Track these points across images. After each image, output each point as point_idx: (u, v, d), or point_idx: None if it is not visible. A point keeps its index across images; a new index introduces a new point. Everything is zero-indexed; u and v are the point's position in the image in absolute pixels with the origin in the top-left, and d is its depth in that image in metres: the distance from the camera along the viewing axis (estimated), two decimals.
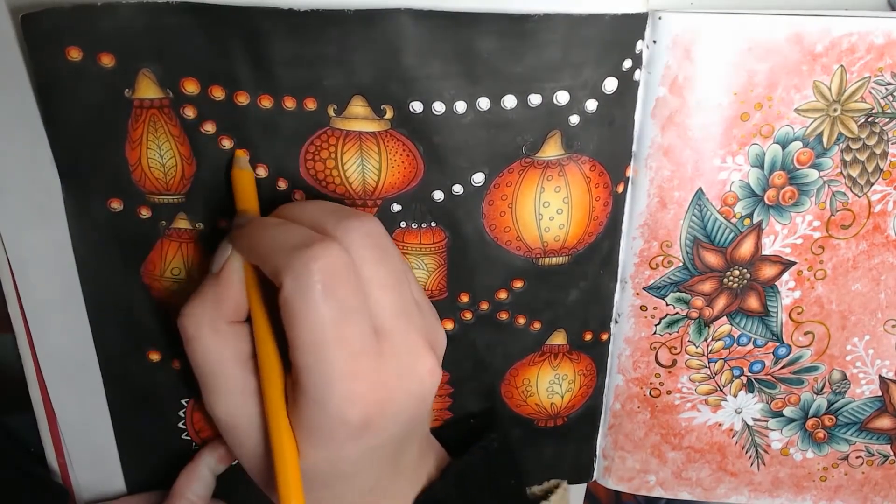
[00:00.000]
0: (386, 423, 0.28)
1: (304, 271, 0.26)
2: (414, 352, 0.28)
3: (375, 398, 0.27)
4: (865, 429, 0.39)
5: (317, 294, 0.26)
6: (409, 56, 0.29)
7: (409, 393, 0.28)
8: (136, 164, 0.32)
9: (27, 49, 0.30)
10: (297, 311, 0.26)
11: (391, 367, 0.28)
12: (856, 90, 0.32)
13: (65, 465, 0.38)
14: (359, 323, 0.27)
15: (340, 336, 0.26)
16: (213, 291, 0.29)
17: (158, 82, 0.30)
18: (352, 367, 0.26)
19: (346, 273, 0.26)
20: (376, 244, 0.28)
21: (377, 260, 0.28)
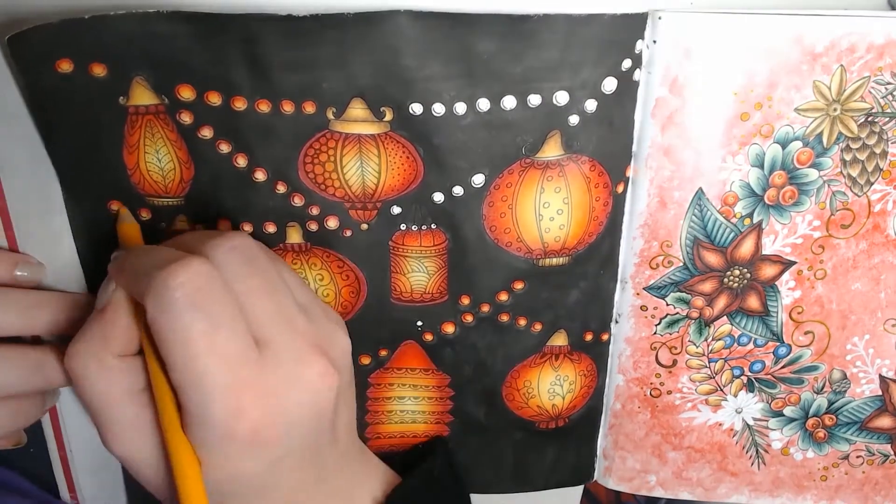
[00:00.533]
0: (278, 433, 0.27)
1: (163, 288, 0.26)
2: (300, 357, 0.28)
3: (262, 409, 0.26)
4: (866, 428, 0.40)
5: (180, 309, 0.25)
6: (408, 58, 0.29)
7: (301, 400, 0.28)
8: (134, 168, 0.32)
9: (15, 69, 0.29)
10: (163, 330, 0.26)
11: (276, 376, 0.27)
12: (856, 90, 0.32)
13: (66, 458, 0.37)
14: (233, 333, 0.26)
15: (212, 348, 0.26)
16: (98, 327, 0.28)
17: (153, 89, 0.30)
18: (230, 378, 0.26)
19: (209, 286, 0.26)
20: (244, 257, 0.28)
21: (247, 273, 0.28)
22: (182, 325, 0.26)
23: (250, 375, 0.26)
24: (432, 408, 0.38)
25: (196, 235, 0.30)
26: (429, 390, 0.37)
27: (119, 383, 0.28)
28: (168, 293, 0.25)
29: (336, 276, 0.34)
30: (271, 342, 0.27)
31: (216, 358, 0.26)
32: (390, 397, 0.38)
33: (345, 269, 0.34)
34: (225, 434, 0.26)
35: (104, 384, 0.28)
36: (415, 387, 0.37)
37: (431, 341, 0.36)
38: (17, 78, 0.30)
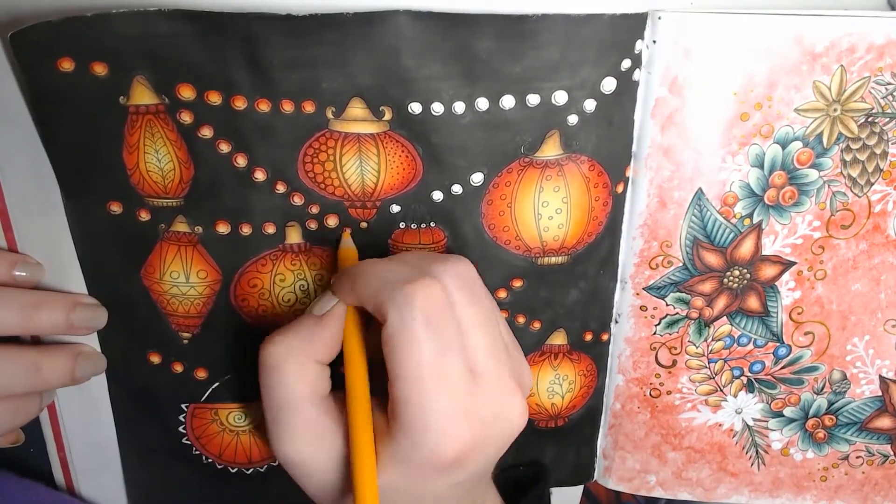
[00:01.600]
0: (476, 462, 0.28)
1: (407, 303, 0.27)
2: (506, 393, 0.29)
3: (471, 437, 0.28)
4: (866, 429, 0.39)
5: (419, 325, 0.27)
6: (407, 57, 0.29)
7: (501, 434, 0.29)
8: (133, 168, 0.32)
9: (17, 66, 0.30)
10: (401, 343, 0.27)
11: (486, 408, 0.28)
12: (856, 90, 0.32)
13: (65, 459, 0.38)
14: (456, 360, 0.27)
15: (440, 371, 0.27)
16: (309, 330, 0.29)
17: (153, 89, 0.30)
18: (452, 403, 0.27)
19: (446, 308, 0.27)
20: (469, 285, 0.29)
21: (470, 300, 0.29)
22: (418, 341, 0.27)
23: (468, 402, 0.27)
24: None
25: (419, 254, 0.31)
26: None
27: (309, 386, 0.29)
28: (411, 309, 0.27)
29: None
30: (484, 374, 0.28)
31: (442, 380, 0.27)
32: None
33: None
34: (434, 453, 0.27)
35: (297, 384, 0.29)
36: None
37: None
38: (18, 77, 0.30)
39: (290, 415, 0.29)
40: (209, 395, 0.36)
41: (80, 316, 0.33)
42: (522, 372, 0.31)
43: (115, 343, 0.35)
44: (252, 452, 0.37)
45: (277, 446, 0.29)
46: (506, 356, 0.30)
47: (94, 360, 0.35)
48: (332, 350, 0.30)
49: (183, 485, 0.38)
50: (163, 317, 0.35)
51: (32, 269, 0.33)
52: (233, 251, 0.33)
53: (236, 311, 0.34)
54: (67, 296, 0.33)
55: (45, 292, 0.33)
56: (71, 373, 0.34)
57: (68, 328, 0.33)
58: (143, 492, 0.39)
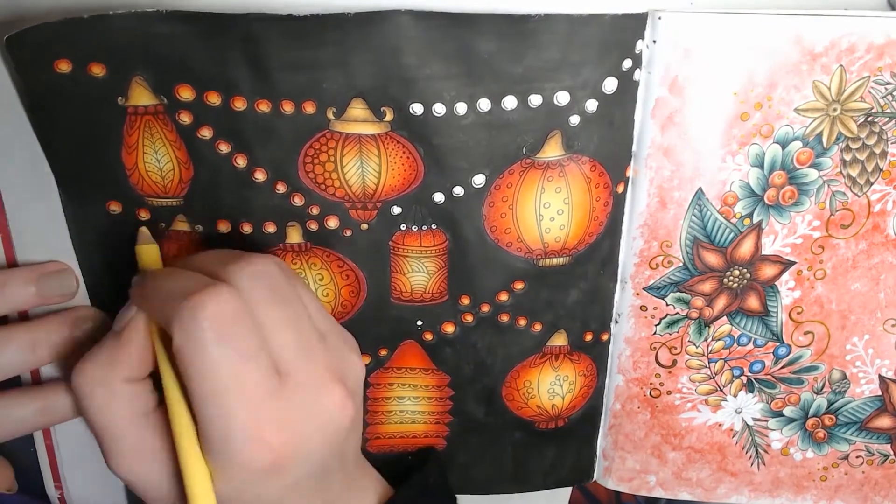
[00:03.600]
0: (296, 462, 0.27)
1: (192, 319, 0.25)
2: (320, 387, 0.28)
3: (282, 440, 0.27)
4: (865, 428, 0.40)
5: (208, 342, 0.25)
6: (408, 57, 0.29)
7: (320, 429, 0.28)
8: (132, 169, 0.32)
9: (14, 68, 0.29)
10: (190, 361, 0.26)
11: (297, 406, 0.27)
12: (855, 90, 0.32)
13: (52, 447, 0.37)
14: (257, 366, 0.26)
15: (238, 382, 0.26)
16: (109, 351, 0.28)
17: (152, 89, 0.30)
18: (253, 413, 0.26)
19: (236, 317, 0.26)
20: (267, 284, 0.28)
21: (270, 301, 0.28)
22: (209, 357, 0.26)
23: (272, 407, 0.27)
24: (432, 408, 0.38)
25: (216, 256, 0.29)
26: (428, 390, 0.37)
27: (126, 408, 0.28)
28: (196, 324, 0.25)
29: (336, 276, 0.34)
30: (292, 372, 0.28)
31: (241, 392, 0.26)
32: (390, 397, 0.38)
33: (345, 268, 0.34)
34: (244, 464, 0.26)
35: (110, 408, 0.28)
36: (414, 386, 0.37)
37: (431, 341, 0.36)
38: (14, 79, 0.30)
39: (114, 438, 0.28)
40: None
41: (47, 285, 0.32)
42: (345, 362, 0.30)
43: None
44: None
45: (112, 469, 0.29)
46: (320, 349, 0.29)
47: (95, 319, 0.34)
48: (142, 364, 0.28)
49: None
50: None
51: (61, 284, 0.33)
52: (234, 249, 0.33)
53: None
54: (31, 268, 0.33)
55: (7, 270, 0.33)
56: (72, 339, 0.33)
57: (39, 299, 0.32)
58: None
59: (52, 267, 0.33)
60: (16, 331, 0.32)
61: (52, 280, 0.33)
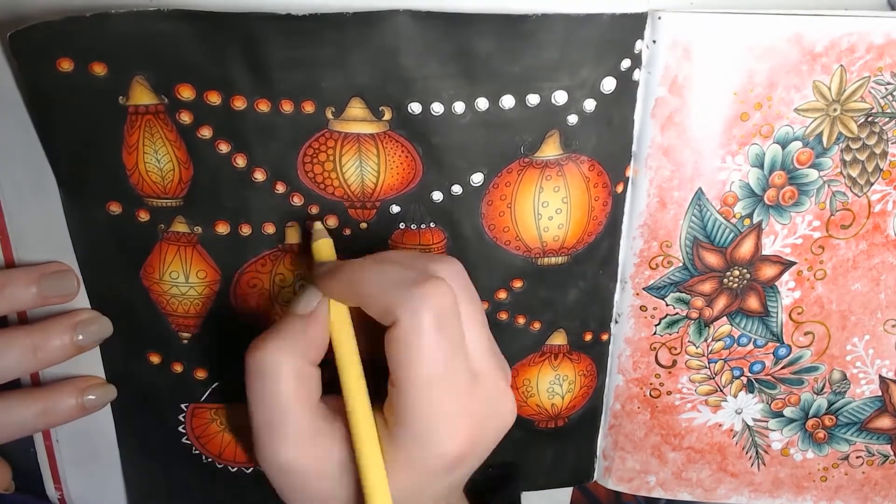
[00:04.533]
0: (474, 459, 0.29)
1: (422, 306, 0.26)
2: (501, 391, 0.29)
3: (472, 436, 0.28)
4: (865, 429, 0.39)
5: (433, 329, 0.26)
6: (407, 57, 0.29)
7: (497, 431, 0.30)
8: (133, 169, 0.32)
9: (16, 65, 0.30)
10: (412, 348, 0.26)
11: (485, 404, 0.28)
12: (855, 90, 0.32)
13: (52, 448, 0.37)
14: (461, 361, 0.27)
15: (450, 374, 0.27)
16: (300, 332, 0.28)
17: (152, 89, 0.30)
18: (458, 405, 0.27)
19: (454, 310, 0.27)
20: (465, 285, 0.29)
21: (466, 300, 0.29)
22: (431, 345, 0.26)
23: (469, 403, 0.28)
24: None
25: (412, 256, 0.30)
26: None
27: (305, 391, 0.28)
28: (424, 312, 0.26)
29: None
30: (481, 373, 0.29)
31: (450, 383, 0.27)
32: None
33: None
34: (438, 456, 0.27)
35: (294, 389, 0.28)
36: None
37: None
38: (17, 77, 0.30)
39: (285, 421, 0.28)
40: (209, 394, 0.36)
41: (48, 286, 0.32)
42: (506, 368, 0.31)
43: (114, 344, 0.35)
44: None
45: (269, 454, 0.28)
46: (500, 356, 0.30)
47: (97, 323, 0.34)
48: (321, 350, 0.29)
49: (183, 485, 0.38)
50: (162, 317, 0.35)
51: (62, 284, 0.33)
52: (232, 251, 0.33)
53: (236, 312, 0.34)
54: (31, 268, 0.33)
55: (8, 271, 0.33)
56: (73, 343, 0.33)
57: (40, 300, 0.32)
58: (143, 492, 0.39)
59: (53, 268, 0.33)
60: (17, 334, 0.32)
61: (53, 281, 0.33)
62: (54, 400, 0.33)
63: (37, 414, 0.33)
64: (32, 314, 0.34)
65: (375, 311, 0.27)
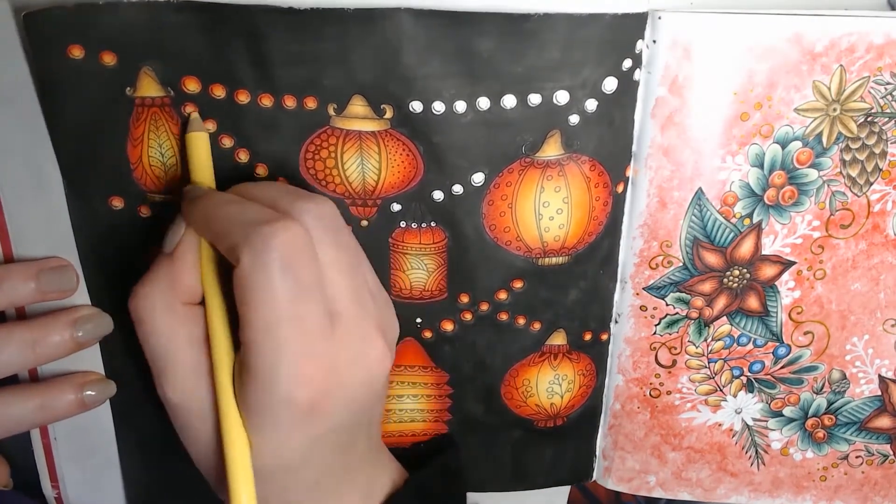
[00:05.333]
0: (332, 408, 0.27)
1: (264, 247, 0.25)
2: (365, 338, 0.28)
3: (324, 382, 0.27)
4: (865, 428, 0.40)
5: (275, 270, 0.25)
6: (408, 55, 0.29)
7: (358, 379, 0.28)
8: (137, 162, 0.32)
9: (30, 48, 0.30)
10: (254, 287, 0.26)
11: (342, 352, 0.27)
12: (855, 90, 0.32)
13: (49, 445, 0.37)
14: (314, 303, 0.27)
15: (295, 314, 0.26)
16: (166, 271, 0.28)
17: (159, 81, 0.30)
18: (304, 347, 0.26)
19: (305, 251, 0.26)
20: (332, 227, 0.28)
21: (333, 243, 0.28)
22: (273, 286, 0.26)
23: (321, 347, 0.27)
24: (431, 406, 0.38)
25: (279, 189, 0.29)
26: (427, 388, 0.38)
27: (183, 329, 0.28)
28: (268, 253, 0.25)
29: None
30: (343, 317, 0.28)
31: (296, 325, 0.26)
32: (389, 396, 0.38)
33: None
34: (285, 399, 0.26)
35: (170, 329, 0.28)
36: (413, 385, 0.37)
37: (430, 339, 0.36)
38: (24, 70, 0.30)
39: (169, 361, 0.28)
40: None
41: (47, 281, 0.32)
42: (387, 320, 0.30)
43: (113, 340, 0.35)
44: None
45: (163, 394, 0.29)
46: (370, 302, 0.29)
47: (97, 319, 0.34)
48: (194, 289, 0.29)
49: (182, 484, 0.38)
50: None
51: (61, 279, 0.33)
52: None
53: None
54: (31, 263, 0.33)
55: (7, 265, 0.33)
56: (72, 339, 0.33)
57: (39, 295, 0.32)
58: (141, 490, 0.39)
59: (53, 263, 0.33)
60: (16, 329, 0.32)
61: (52, 276, 0.33)
62: (53, 395, 0.33)
63: (35, 409, 0.33)
64: (31, 311, 0.34)
65: (223, 249, 0.27)
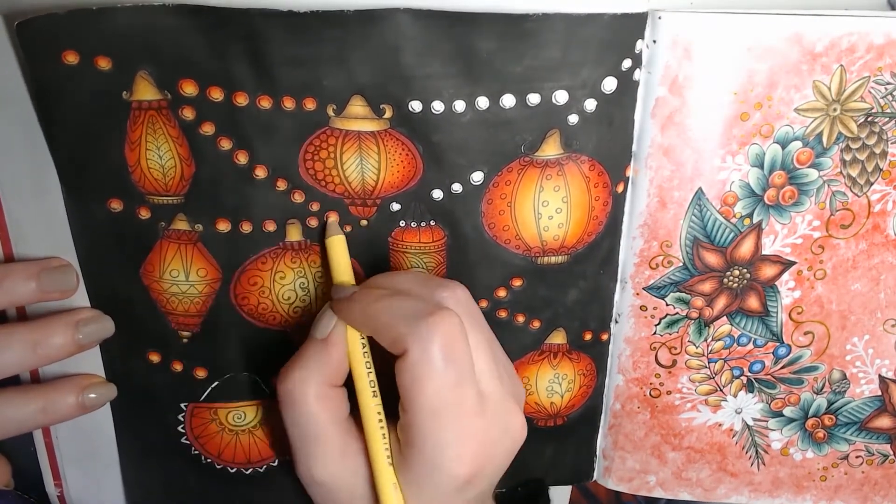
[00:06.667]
0: (485, 478, 0.30)
1: (429, 337, 0.28)
2: (508, 411, 0.31)
3: (480, 457, 0.29)
4: (865, 428, 0.39)
5: (440, 359, 0.28)
6: (408, 56, 0.29)
7: (505, 449, 0.31)
8: (135, 165, 0.32)
9: (23, 56, 0.30)
10: (421, 376, 0.28)
11: (492, 428, 0.30)
12: (855, 90, 0.32)
13: (51, 445, 0.37)
14: (470, 386, 0.29)
15: (456, 399, 0.28)
16: (318, 356, 0.30)
17: (156, 84, 0.30)
18: (463, 428, 0.29)
19: (461, 339, 0.29)
20: (471, 310, 0.31)
21: (475, 326, 0.30)
22: (438, 374, 0.28)
23: (476, 426, 0.29)
24: None
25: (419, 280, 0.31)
26: None
27: (331, 411, 0.30)
28: (434, 344, 0.28)
29: None
30: (489, 395, 0.30)
31: (457, 411, 0.28)
32: None
33: None
34: (447, 477, 0.29)
35: (321, 413, 0.30)
36: None
37: None
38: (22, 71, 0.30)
39: (316, 441, 0.30)
40: (208, 394, 0.36)
41: (48, 280, 0.33)
42: (518, 388, 0.33)
43: (114, 342, 0.35)
44: (251, 452, 0.37)
45: (304, 471, 0.30)
46: (506, 376, 0.31)
47: (98, 322, 0.34)
48: (342, 372, 0.31)
49: (182, 485, 0.38)
50: (162, 315, 0.35)
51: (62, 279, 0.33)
52: (233, 249, 0.33)
53: (236, 310, 0.34)
54: (32, 263, 0.33)
55: (7, 265, 0.33)
56: (74, 341, 0.33)
57: (39, 295, 0.33)
58: (142, 492, 0.39)
59: (53, 263, 0.33)
60: (18, 330, 0.32)
61: (53, 276, 0.33)
62: (54, 397, 0.33)
63: (36, 411, 0.33)
64: (32, 313, 0.34)
65: (387, 342, 0.29)
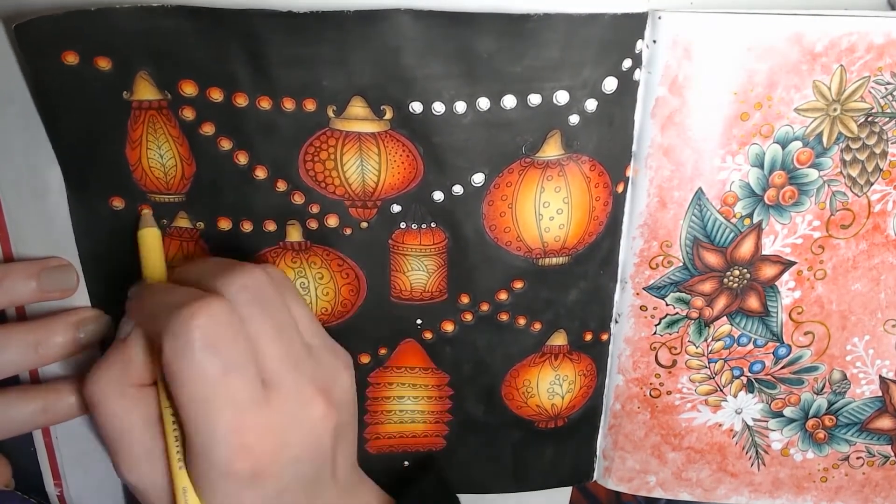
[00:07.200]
0: (279, 471, 0.28)
1: (182, 331, 0.26)
2: (304, 399, 0.29)
3: (264, 448, 0.28)
4: (866, 429, 0.40)
5: (196, 352, 0.26)
6: (408, 56, 0.29)
7: (302, 438, 0.29)
8: (136, 164, 0.32)
9: (23, 57, 0.30)
10: (177, 371, 0.27)
11: (281, 416, 0.28)
12: (855, 90, 0.32)
13: (51, 444, 0.37)
14: (243, 376, 0.27)
15: (224, 391, 0.27)
16: (118, 356, 0.29)
17: (156, 84, 0.30)
18: (237, 420, 0.27)
19: (226, 328, 0.27)
20: (257, 296, 0.29)
21: (259, 314, 0.28)
22: (196, 366, 0.26)
23: (255, 417, 0.28)
24: (431, 407, 0.38)
25: (210, 267, 0.30)
26: (428, 389, 0.38)
27: (136, 412, 0.29)
28: (185, 335, 0.26)
29: (336, 275, 0.34)
30: (278, 384, 0.28)
31: (225, 401, 0.27)
32: (389, 397, 0.38)
33: (344, 267, 0.34)
34: (226, 472, 0.27)
35: (122, 412, 0.29)
36: (414, 386, 0.37)
37: (431, 340, 0.36)
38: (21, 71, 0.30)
39: (125, 444, 0.29)
40: None
41: (48, 280, 0.33)
42: (331, 375, 0.31)
43: None
44: None
45: (121, 475, 0.30)
46: (306, 363, 0.30)
47: (99, 321, 0.34)
48: (146, 372, 0.29)
49: None
50: None
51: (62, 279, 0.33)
52: (234, 248, 0.33)
53: None
54: (32, 262, 0.33)
55: (7, 264, 0.33)
56: (74, 341, 0.33)
57: (39, 294, 0.33)
58: None
59: (53, 262, 0.33)
60: (18, 329, 0.32)
61: (53, 275, 0.33)
62: (54, 398, 0.33)
63: (36, 412, 0.33)
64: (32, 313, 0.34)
65: (155, 338, 0.28)
